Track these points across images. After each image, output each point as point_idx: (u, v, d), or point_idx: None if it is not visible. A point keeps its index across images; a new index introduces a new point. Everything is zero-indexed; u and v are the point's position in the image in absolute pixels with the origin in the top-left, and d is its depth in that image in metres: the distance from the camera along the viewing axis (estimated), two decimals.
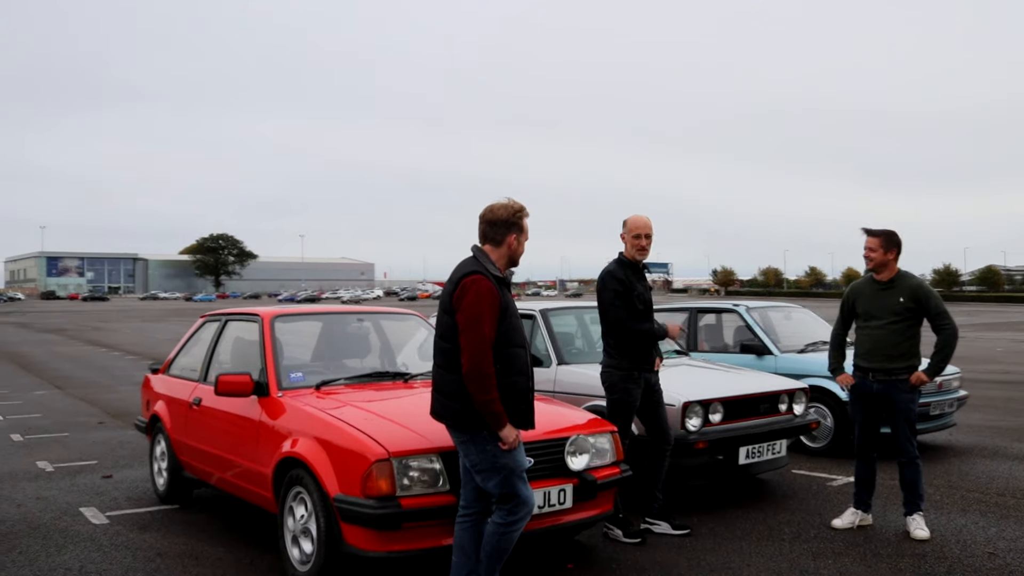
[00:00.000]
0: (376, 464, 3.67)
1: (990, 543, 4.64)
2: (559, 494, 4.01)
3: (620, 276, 4.85)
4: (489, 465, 3.45)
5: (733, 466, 5.50)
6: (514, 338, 3.48)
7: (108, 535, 5.06)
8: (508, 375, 3.44)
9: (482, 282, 3.43)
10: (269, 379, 4.66)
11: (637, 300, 4.82)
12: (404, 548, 3.70)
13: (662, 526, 4.91)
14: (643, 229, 4.89)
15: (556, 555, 4.50)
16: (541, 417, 4.24)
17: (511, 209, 3.58)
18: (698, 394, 5.42)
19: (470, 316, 3.38)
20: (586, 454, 4.13)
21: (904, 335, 4.82)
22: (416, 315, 5.98)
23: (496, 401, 3.37)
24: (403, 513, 3.63)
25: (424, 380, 4.92)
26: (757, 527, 5.02)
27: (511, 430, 3.42)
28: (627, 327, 4.81)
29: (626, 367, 4.82)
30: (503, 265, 3.61)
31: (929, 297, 4.83)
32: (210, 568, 4.41)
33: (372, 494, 3.64)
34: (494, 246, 3.60)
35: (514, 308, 3.55)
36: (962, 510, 5.38)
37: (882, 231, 4.89)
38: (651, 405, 4.93)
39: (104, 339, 27.57)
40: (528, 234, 3.67)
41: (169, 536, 5.03)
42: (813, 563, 4.32)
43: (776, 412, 5.86)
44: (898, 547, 4.59)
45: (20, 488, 6.44)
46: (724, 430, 5.44)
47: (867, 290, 4.98)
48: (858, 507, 5.04)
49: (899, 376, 4.81)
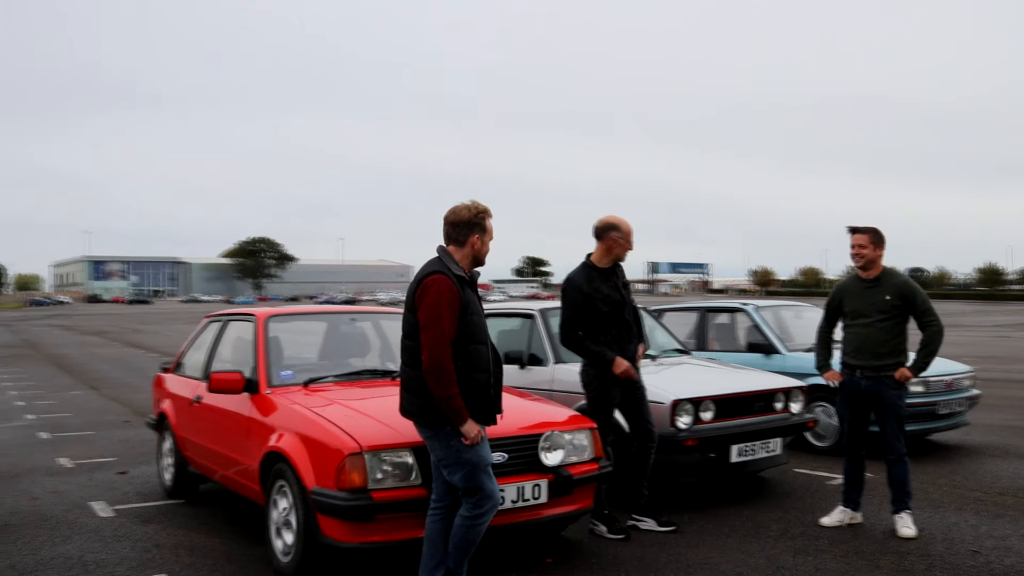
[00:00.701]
0: (349, 458, 3.77)
1: (977, 541, 4.60)
2: (534, 489, 4.08)
3: (580, 284, 4.88)
4: (453, 460, 3.54)
5: (725, 464, 5.51)
6: (475, 335, 3.57)
7: (112, 527, 5.24)
8: (469, 371, 3.53)
9: (442, 281, 3.53)
10: (260, 377, 4.80)
11: (602, 303, 4.85)
12: (377, 539, 3.80)
13: (648, 523, 4.94)
14: (633, 234, 4.94)
15: (536, 549, 4.57)
16: (516, 413, 4.33)
17: (473, 210, 3.67)
18: (688, 392, 5.45)
19: (430, 314, 3.49)
20: (560, 450, 4.19)
21: (891, 332, 4.80)
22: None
23: (456, 397, 3.46)
24: (375, 505, 3.73)
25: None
26: (745, 524, 5.03)
27: (472, 425, 3.50)
28: (568, 337, 4.88)
29: (605, 368, 4.87)
30: (467, 265, 3.70)
31: (915, 294, 4.81)
32: (201, 558, 4.55)
33: (345, 487, 3.75)
34: (458, 246, 3.69)
35: (476, 306, 3.63)
36: (958, 509, 5.33)
37: (869, 228, 4.88)
38: (633, 402, 4.97)
39: (143, 341, 28.20)
40: (492, 234, 3.76)
41: (169, 528, 5.20)
42: (792, 560, 4.33)
43: (771, 411, 5.85)
44: (882, 545, 4.57)
45: (38, 483, 6.67)
46: (715, 428, 5.46)
47: (854, 288, 4.97)
48: (847, 505, 5.02)
49: (887, 373, 4.80)
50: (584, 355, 4.92)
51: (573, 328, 4.88)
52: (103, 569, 4.39)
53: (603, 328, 4.85)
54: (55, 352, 24.09)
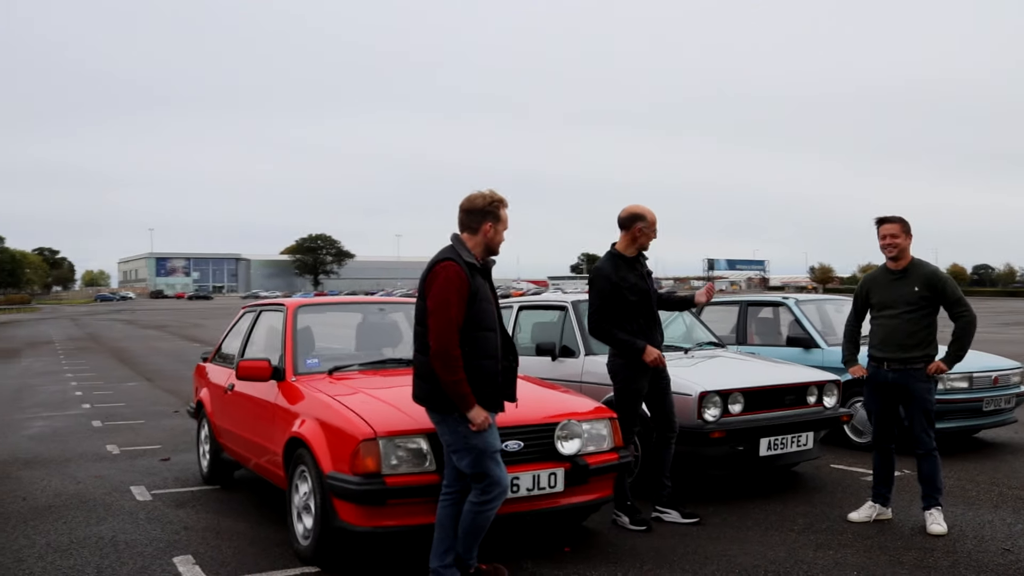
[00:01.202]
0: (363, 443, 3.83)
1: (1010, 540, 4.46)
2: (550, 477, 4.08)
3: (608, 273, 4.86)
4: (461, 445, 3.57)
5: (754, 457, 5.43)
6: (483, 322, 3.59)
7: (147, 510, 5.40)
8: (476, 358, 3.56)
9: (451, 268, 3.57)
10: (286, 364, 4.89)
11: (629, 292, 4.83)
12: (390, 524, 3.84)
13: (672, 514, 4.90)
14: (655, 223, 4.92)
15: (555, 538, 4.57)
16: (533, 402, 4.35)
17: (488, 199, 3.70)
18: (716, 384, 5.38)
19: (438, 300, 3.53)
20: (577, 439, 4.18)
21: (919, 324, 4.68)
22: None
23: (462, 382, 3.49)
24: (387, 490, 3.77)
25: None
26: (771, 518, 4.96)
27: (479, 411, 3.53)
28: (599, 327, 4.87)
29: (632, 357, 4.84)
30: (480, 253, 3.72)
31: (945, 285, 4.67)
32: (227, 541, 4.67)
33: (359, 471, 3.81)
34: (471, 234, 3.73)
35: (486, 294, 3.66)
36: (995, 506, 5.16)
37: (898, 217, 4.77)
38: (658, 392, 4.94)
39: (201, 335, 28.91)
40: (507, 224, 3.78)
41: (201, 513, 5.34)
42: (812, 554, 4.25)
43: (803, 404, 5.75)
44: (908, 541, 4.46)
45: (84, 467, 6.92)
46: (744, 421, 5.38)
47: (882, 279, 4.86)
48: (876, 501, 4.91)
49: (914, 365, 4.67)
50: (614, 344, 4.89)
51: (602, 318, 4.86)
52: (132, 549, 4.53)
53: (631, 317, 4.83)
54: (116, 345, 24.90)
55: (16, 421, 9.93)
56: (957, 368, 6.93)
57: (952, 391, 6.83)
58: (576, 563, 4.15)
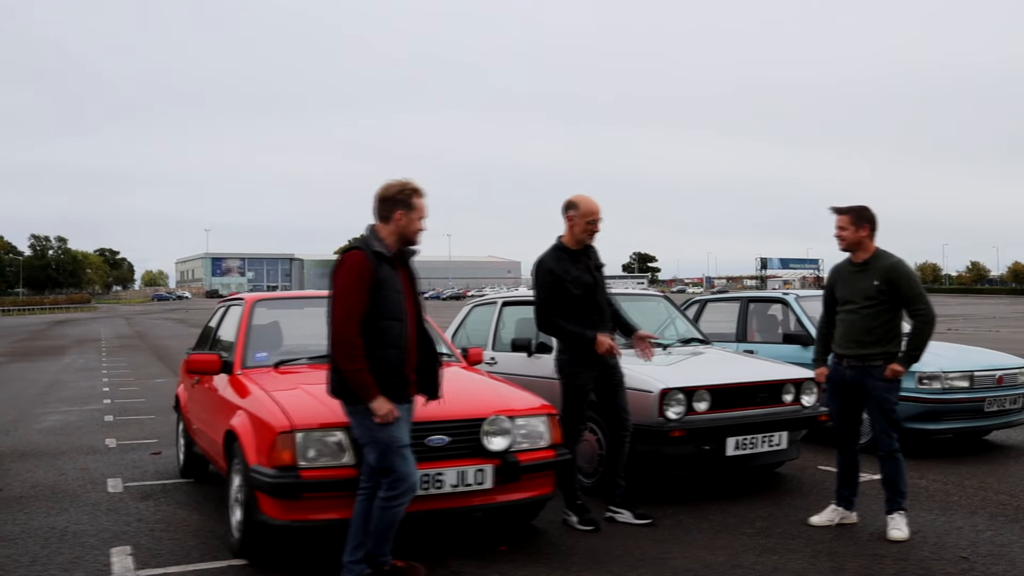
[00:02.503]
0: (280, 436, 3.79)
1: (973, 547, 4.21)
2: (476, 474, 3.98)
3: (550, 266, 4.74)
4: (368, 438, 3.52)
5: (720, 457, 5.25)
6: (387, 311, 3.53)
7: (110, 502, 5.46)
8: (379, 347, 3.50)
9: (355, 256, 3.54)
10: (236, 358, 4.89)
11: (572, 285, 4.70)
12: (306, 518, 3.79)
13: (624, 515, 4.76)
14: (596, 213, 4.76)
15: (494, 537, 4.46)
16: (465, 396, 4.28)
17: (399, 187, 3.65)
18: (680, 381, 5.21)
19: (339, 289, 3.50)
20: (505, 435, 4.07)
21: (878, 320, 4.45)
22: None
23: (363, 372, 3.44)
24: (302, 484, 3.72)
25: None
26: (729, 520, 4.78)
27: (383, 402, 3.46)
28: (546, 321, 4.74)
29: (575, 352, 4.72)
30: (393, 242, 3.66)
31: (903, 279, 4.44)
32: (173, 533, 4.69)
33: (276, 464, 3.77)
34: (383, 223, 3.67)
35: (393, 283, 3.59)
36: (972, 512, 4.90)
37: (851, 207, 4.56)
38: (609, 389, 4.80)
39: None
40: (423, 212, 3.70)
41: (162, 505, 5.37)
42: (754, 558, 4.07)
43: (778, 403, 5.54)
44: (862, 547, 4.24)
45: (75, 460, 7.04)
46: (708, 419, 5.20)
47: (844, 272, 4.65)
48: (839, 504, 4.69)
49: (873, 362, 4.45)
50: (562, 337, 4.78)
51: (548, 310, 4.75)
52: (77, 540, 4.58)
53: (575, 311, 4.71)
54: (158, 343, 25.49)
55: (34, 415, 10.20)
56: (957, 366, 6.66)
57: (951, 390, 6.53)
58: (503, 562, 4.05)
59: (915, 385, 6.50)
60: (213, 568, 4.05)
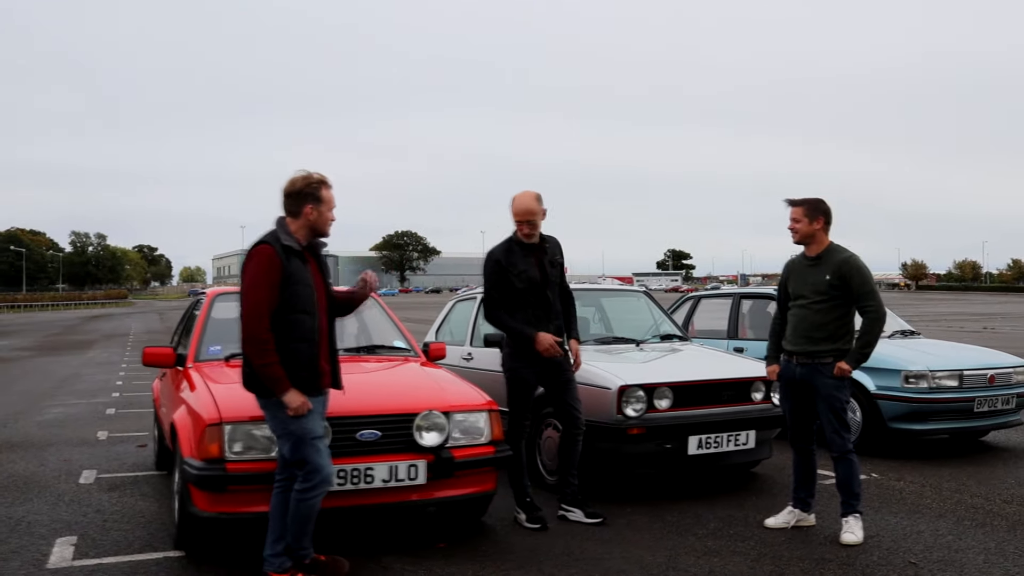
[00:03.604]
0: (208, 428, 3.77)
1: (925, 553, 4.05)
2: (409, 469, 3.93)
3: (497, 257, 4.68)
4: (281, 431, 3.50)
5: (683, 456, 5.13)
6: (297, 305, 3.50)
7: (76, 493, 5.50)
8: (290, 341, 3.48)
9: (263, 251, 3.51)
10: (190, 351, 4.90)
11: (517, 279, 4.62)
12: (233, 511, 3.78)
13: (576, 513, 4.67)
14: (525, 215, 4.64)
15: (431, 533, 4.40)
16: (397, 392, 4.25)
17: (305, 180, 3.61)
18: (640, 378, 5.11)
19: (248, 283, 3.48)
20: (438, 431, 4.01)
21: (829, 316, 4.31)
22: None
23: (273, 366, 3.41)
24: (227, 476, 3.71)
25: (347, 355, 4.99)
26: (684, 520, 4.66)
27: (295, 396, 3.43)
28: (489, 313, 4.67)
29: (517, 347, 4.65)
30: (303, 236, 3.62)
31: (853, 274, 4.28)
32: (124, 524, 4.70)
33: (203, 457, 3.76)
34: (293, 217, 3.64)
35: (303, 277, 3.55)
36: (939, 516, 4.73)
37: (805, 199, 4.42)
38: (559, 386, 4.71)
39: None
40: (332, 204, 3.66)
41: (125, 497, 5.40)
42: (694, 560, 3.96)
43: (747, 401, 5.40)
44: (809, 550, 4.10)
45: (60, 452, 7.11)
46: (669, 417, 5.09)
47: (798, 266, 4.50)
48: (795, 506, 4.55)
49: (823, 360, 4.30)
50: (504, 331, 4.72)
51: (492, 304, 4.69)
52: (28, 529, 4.61)
53: (520, 306, 4.63)
54: None
55: (40, 407, 10.36)
56: (946, 365, 6.46)
57: (939, 389, 6.33)
58: (435, 559, 3.98)
59: (901, 384, 6.33)
60: (148, 559, 4.05)
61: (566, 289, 4.88)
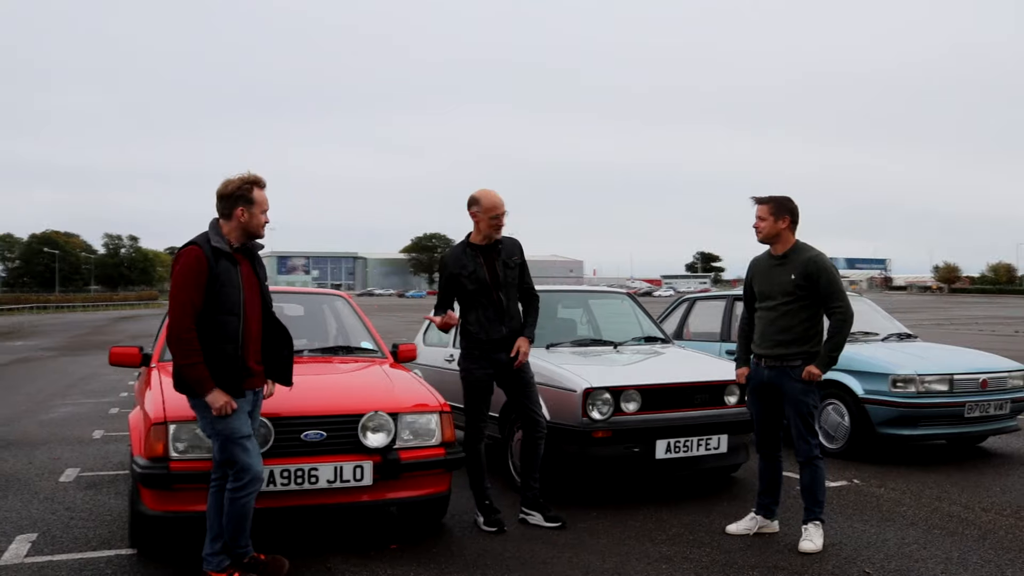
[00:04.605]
0: (154, 427, 3.80)
1: (884, 562, 3.94)
2: (355, 470, 3.92)
3: (447, 261, 4.69)
4: (209, 431, 3.54)
5: (650, 460, 5.05)
6: (223, 306, 3.52)
7: (52, 491, 5.55)
8: (216, 341, 3.49)
9: (190, 253, 3.53)
10: (155, 350, 4.93)
11: (468, 281, 4.60)
12: (178, 509, 3.79)
13: (535, 516, 4.62)
14: (500, 208, 4.63)
15: (383, 535, 4.38)
16: (344, 392, 4.25)
17: (236, 183, 3.63)
18: (607, 380, 5.04)
19: (174, 284, 3.52)
20: (384, 432, 3.99)
21: (797, 317, 4.21)
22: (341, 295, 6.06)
23: (196, 366, 3.43)
24: (171, 475, 3.72)
25: (312, 356, 5.00)
26: (647, 525, 4.60)
27: (218, 395, 3.45)
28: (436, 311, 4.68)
29: (465, 346, 4.63)
30: (236, 237, 3.64)
31: (820, 273, 4.19)
32: (89, 521, 4.74)
33: (149, 455, 3.78)
34: (225, 219, 3.66)
35: (229, 278, 3.56)
36: (910, 524, 4.60)
37: (771, 197, 4.33)
38: (519, 387, 4.66)
39: None
40: (264, 205, 3.68)
41: (99, 495, 5.44)
42: (644, 567, 3.89)
43: (720, 404, 5.31)
44: (765, 558, 4.02)
45: (52, 450, 7.19)
46: (636, 420, 5.02)
47: (763, 266, 4.42)
48: (758, 512, 4.46)
49: (791, 363, 4.21)
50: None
51: (441, 306, 4.66)
52: None
53: (471, 307, 4.61)
54: None
55: (48, 406, 10.50)
56: (935, 369, 6.30)
57: (928, 394, 6.19)
58: (380, 561, 3.96)
59: (888, 388, 6.19)
60: (99, 556, 4.08)
61: (528, 289, 4.83)
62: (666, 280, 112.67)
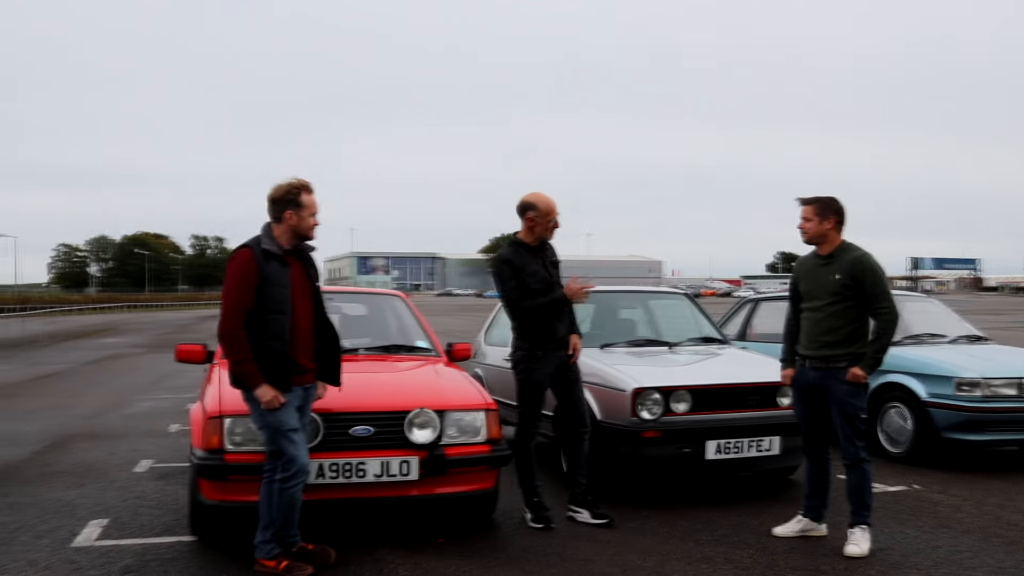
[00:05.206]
0: (210, 420, 4.00)
1: (931, 568, 3.86)
2: (401, 465, 4.04)
3: (509, 258, 4.70)
4: (260, 423, 3.71)
5: (700, 461, 5.04)
6: (271, 305, 3.68)
7: (127, 480, 5.87)
8: (264, 339, 3.66)
9: (241, 255, 3.72)
10: (219, 348, 5.16)
11: (531, 279, 4.65)
12: (233, 499, 3.98)
13: (583, 514, 4.67)
14: (555, 211, 4.72)
15: (431, 529, 4.49)
16: (393, 389, 4.37)
17: (286, 188, 3.79)
18: (657, 381, 5.05)
19: (227, 284, 3.71)
20: (430, 428, 4.10)
21: (843, 318, 4.15)
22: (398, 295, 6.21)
23: (247, 362, 3.60)
24: (226, 466, 3.92)
25: (368, 354, 5.17)
26: (695, 526, 4.59)
27: (267, 390, 3.61)
28: (521, 306, 4.67)
29: (527, 347, 4.67)
30: (287, 240, 3.80)
31: (866, 273, 4.11)
32: (157, 509, 5.01)
33: (207, 447, 3.98)
34: (276, 223, 3.82)
35: (279, 279, 3.72)
36: (965, 531, 4.48)
37: (816, 198, 4.27)
38: (565, 385, 4.72)
39: None
40: (313, 208, 3.83)
41: (169, 485, 5.72)
42: (684, 567, 3.90)
43: (772, 406, 5.26)
44: (809, 561, 3.97)
45: (130, 443, 7.58)
46: (687, 421, 5.01)
47: (809, 266, 4.36)
48: (806, 515, 4.41)
49: (837, 364, 4.15)
50: (532, 310, 4.65)
51: (520, 296, 4.65)
52: (71, 511, 4.96)
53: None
54: None
55: (131, 401, 11.03)
56: (1003, 372, 6.09)
57: (995, 398, 5.98)
58: (426, 554, 4.07)
59: (953, 392, 6.01)
60: (162, 542, 4.32)
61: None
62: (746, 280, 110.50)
